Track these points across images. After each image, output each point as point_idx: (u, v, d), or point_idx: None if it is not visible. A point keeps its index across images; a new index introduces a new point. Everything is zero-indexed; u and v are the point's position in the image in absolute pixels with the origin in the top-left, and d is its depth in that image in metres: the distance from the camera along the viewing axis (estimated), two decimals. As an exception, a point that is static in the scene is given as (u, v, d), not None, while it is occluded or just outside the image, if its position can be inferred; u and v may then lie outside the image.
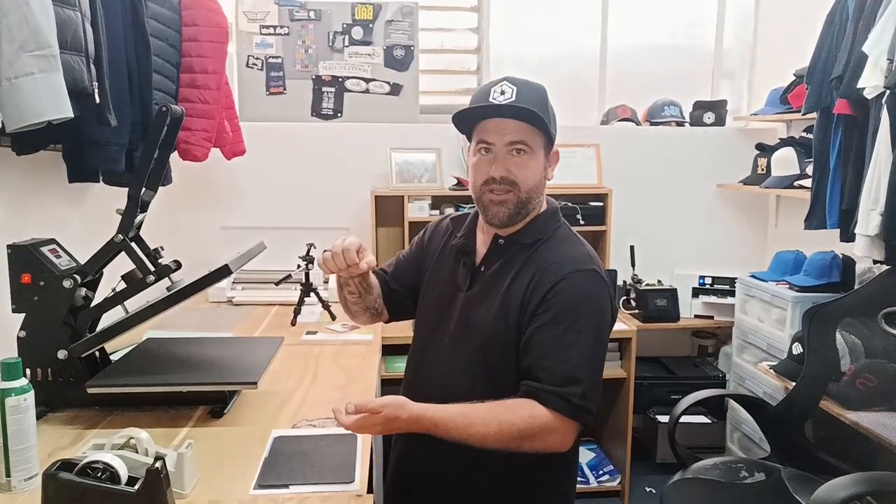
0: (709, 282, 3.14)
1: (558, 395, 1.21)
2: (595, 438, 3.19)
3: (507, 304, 1.30)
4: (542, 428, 1.20)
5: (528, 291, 1.29)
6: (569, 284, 1.26)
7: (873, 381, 2.03)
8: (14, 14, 1.28)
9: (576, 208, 3.02)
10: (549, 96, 1.33)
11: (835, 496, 1.51)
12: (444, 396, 1.37)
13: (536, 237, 1.35)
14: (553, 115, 1.34)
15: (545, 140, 1.32)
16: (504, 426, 1.19)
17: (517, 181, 1.30)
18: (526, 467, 1.30)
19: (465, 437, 1.19)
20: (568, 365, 1.22)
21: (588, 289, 1.28)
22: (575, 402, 1.20)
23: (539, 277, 1.29)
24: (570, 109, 3.47)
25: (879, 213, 2.00)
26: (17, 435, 1.17)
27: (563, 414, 1.20)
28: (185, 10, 2.32)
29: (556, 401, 1.20)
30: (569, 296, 1.26)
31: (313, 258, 2.49)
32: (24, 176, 1.83)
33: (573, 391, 1.21)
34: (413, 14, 3.13)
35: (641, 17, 3.44)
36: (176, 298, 1.48)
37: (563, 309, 1.25)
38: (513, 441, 1.19)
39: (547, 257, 1.32)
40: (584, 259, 1.32)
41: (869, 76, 2.02)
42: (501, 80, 1.30)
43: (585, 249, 1.35)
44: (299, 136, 3.06)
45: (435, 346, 1.42)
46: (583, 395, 1.21)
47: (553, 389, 1.21)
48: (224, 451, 1.35)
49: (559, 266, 1.29)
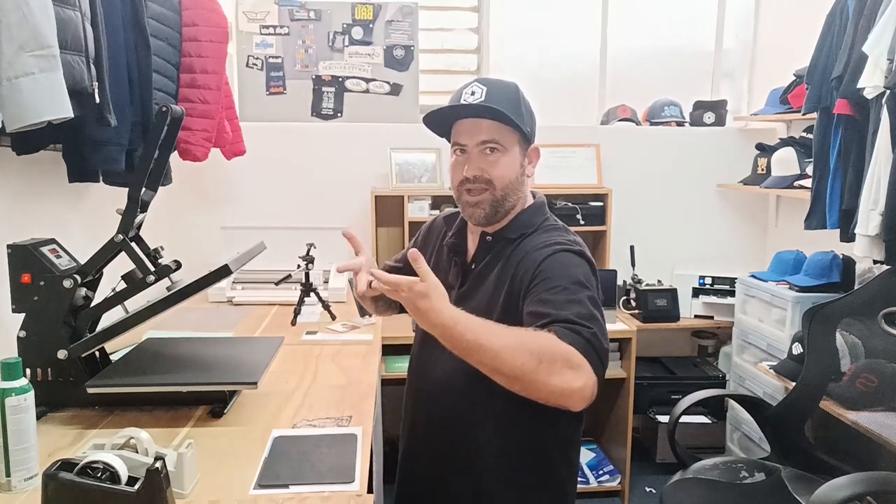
0: (709, 282, 3.14)
1: (572, 329, 1.10)
2: (595, 438, 3.19)
3: (494, 299, 1.30)
4: (563, 357, 1.06)
5: (514, 280, 1.27)
6: (554, 258, 1.24)
7: (873, 381, 2.03)
8: (14, 14, 1.28)
9: (576, 208, 3.02)
10: (522, 94, 1.33)
11: (834, 496, 1.51)
12: (441, 396, 1.37)
13: (521, 231, 1.35)
14: (528, 112, 1.34)
15: (520, 137, 1.32)
16: (524, 339, 1.08)
17: (492, 179, 1.29)
18: (528, 464, 1.30)
19: (481, 344, 1.06)
20: (575, 309, 1.14)
21: (575, 261, 1.25)
22: (587, 337, 1.10)
23: (524, 263, 1.27)
24: (570, 109, 3.47)
25: (879, 213, 2.00)
26: (17, 435, 1.17)
27: (579, 349, 1.08)
28: (185, 10, 2.32)
29: (571, 335, 1.09)
30: (558, 267, 1.22)
31: (313, 258, 2.48)
32: (24, 176, 1.83)
33: (586, 326, 1.11)
34: (413, 14, 3.13)
35: (642, 17, 3.45)
36: (176, 298, 1.48)
37: (556, 276, 1.20)
38: (530, 360, 1.04)
39: (531, 245, 1.30)
40: (571, 243, 1.30)
41: (869, 76, 2.02)
42: (472, 82, 1.31)
43: (572, 237, 1.33)
44: (299, 136, 3.06)
45: (431, 346, 1.41)
46: (594, 335, 1.11)
47: (566, 325, 1.11)
48: (224, 451, 1.35)
49: (542, 249, 1.27)
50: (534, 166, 1.37)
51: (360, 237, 1.35)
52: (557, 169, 3.11)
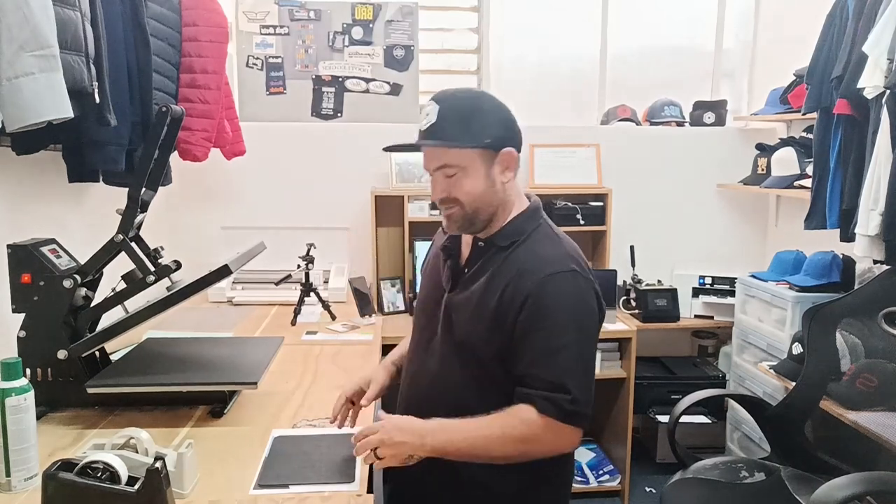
0: (709, 282, 3.13)
1: (549, 401, 1.22)
2: (595, 438, 3.19)
3: (483, 306, 1.30)
4: (541, 431, 1.22)
5: (504, 296, 1.27)
6: (546, 289, 1.25)
7: (873, 381, 2.03)
8: (14, 14, 1.28)
9: (576, 208, 3.02)
10: (481, 104, 1.29)
11: (834, 496, 1.51)
12: (433, 396, 1.38)
13: (513, 239, 1.33)
14: (490, 122, 1.29)
15: (480, 151, 1.29)
16: (506, 430, 1.22)
17: (458, 198, 1.31)
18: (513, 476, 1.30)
19: (472, 448, 1.23)
20: (556, 370, 1.23)
21: (566, 290, 1.26)
22: (567, 408, 1.21)
23: (515, 282, 1.27)
24: (570, 109, 3.47)
25: (879, 213, 2.00)
26: (17, 435, 1.17)
27: (556, 419, 1.21)
28: (186, 10, 2.32)
29: (548, 406, 1.21)
30: (547, 301, 1.24)
31: (313, 258, 2.49)
32: (24, 176, 1.83)
33: (563, 397, 1.21)
34: (413, 14, 3.13)
35: (642, 17, 3.44)
36: (176, 298, 1.48)
37: (543, 315, 1.24)
38: (516, 445, 1.22)
39: (523, 260, 1.30)
40: (562, 259, 1.29)
41: (869, 76, 2.02)
42: (430, 100, 1.31)
43: (564, 249, 1.32)
44: (299, 136, 3.06)
45: (423, 349, 1.43)
46: (573, 400, 1.22)
47: (543, 395, 1.22)
48: (224, 451, 1.35)
49: (535, 270, 1.27)
50: (511, 171, 1.33)
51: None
52: (557, 169, 3.11)
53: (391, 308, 2.93)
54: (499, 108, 1.32)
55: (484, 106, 1.30)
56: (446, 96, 1.30)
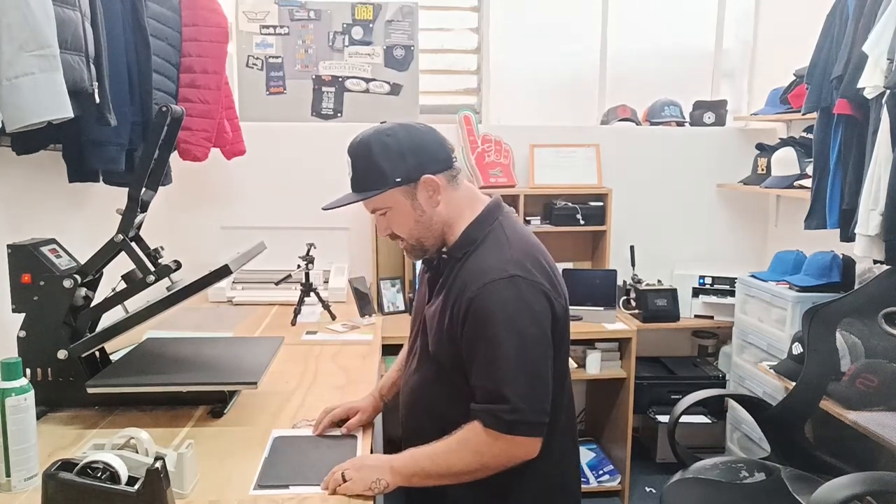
0: (709, 282, 3.13)
1: (490, 413, 1.21)
2: (595, 438, 3.19)
3: (441, 320, 1.31)
4: (489, 444, 1.21)
5: (453, 309, 1.28)
6: (482, 298, 1.23)
7: (873, 381, 2.03)
8: (14, 14, 1.28)
9: (576, 208, 3.02)
10: (377, 148, 1.28)
11: (834, 496, 1.51)
12: (413, 403, 1.41)
13: (465, 249, 1.32)
14: (393, 157, 1.28)
15: (398, 189, 1.30)
16: (461, 443, 1.23)
17: (398, 233, 1.36)
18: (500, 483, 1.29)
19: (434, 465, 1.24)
20: (492, 381, 1.21)
21: (503, 297, 1.22)
22: (506, 418, 1.19)
23: (460, 294, 1.27)
24: (570, 109, 3.47)
25: (879, 212, 2.00)
26: (17, 435, 1.17)
27: (498, 430, 1.20)
28: (185, 9, 2.32)
29: (488, 418, 1.21)
30: (482, 310, 1.23)
31: (313, 258, 2.49)
32: (24, 176, 1.83)
33: (502, 407, 1.20)
34: (413, 14, 3.13)
35: (642, 17, 3.44)
36: (176, 298, 1.48)
37: (480, 325, 1.23)
38: (474, 458, 1.23)
39: (468, 271, 1.28)
40: (504, 265, 1.25)
41: (869, 76, 2.02)
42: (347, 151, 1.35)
43: (508, 254, 1.27)
44: (299, 136, 3.06)
45: (411, 356, 1.46)
46: (513, 410, 1.19)
47: (485, 407, 1.22)
48: (224, 451, 1.35)
49: (474, 280, 1.25)
50: (439, 193, 1.31)
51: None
52: (557, 169, 3.11)
53: (391, 308, 2.93)
54: (396, 142, 1.29)
55: (374, 151, 1.28)
56: (352, 147, 1.33)
